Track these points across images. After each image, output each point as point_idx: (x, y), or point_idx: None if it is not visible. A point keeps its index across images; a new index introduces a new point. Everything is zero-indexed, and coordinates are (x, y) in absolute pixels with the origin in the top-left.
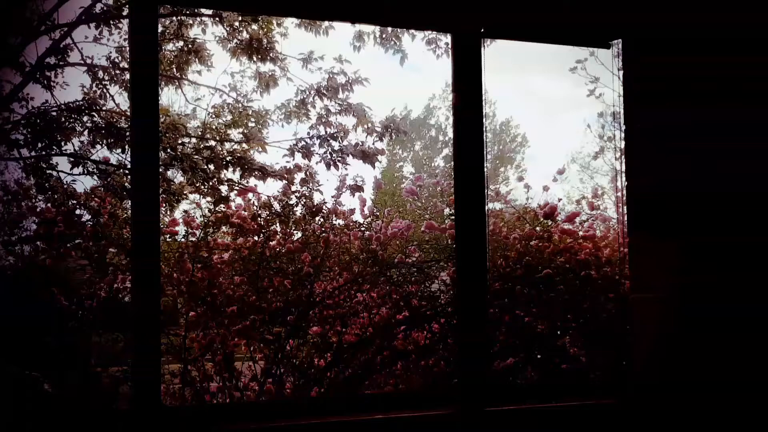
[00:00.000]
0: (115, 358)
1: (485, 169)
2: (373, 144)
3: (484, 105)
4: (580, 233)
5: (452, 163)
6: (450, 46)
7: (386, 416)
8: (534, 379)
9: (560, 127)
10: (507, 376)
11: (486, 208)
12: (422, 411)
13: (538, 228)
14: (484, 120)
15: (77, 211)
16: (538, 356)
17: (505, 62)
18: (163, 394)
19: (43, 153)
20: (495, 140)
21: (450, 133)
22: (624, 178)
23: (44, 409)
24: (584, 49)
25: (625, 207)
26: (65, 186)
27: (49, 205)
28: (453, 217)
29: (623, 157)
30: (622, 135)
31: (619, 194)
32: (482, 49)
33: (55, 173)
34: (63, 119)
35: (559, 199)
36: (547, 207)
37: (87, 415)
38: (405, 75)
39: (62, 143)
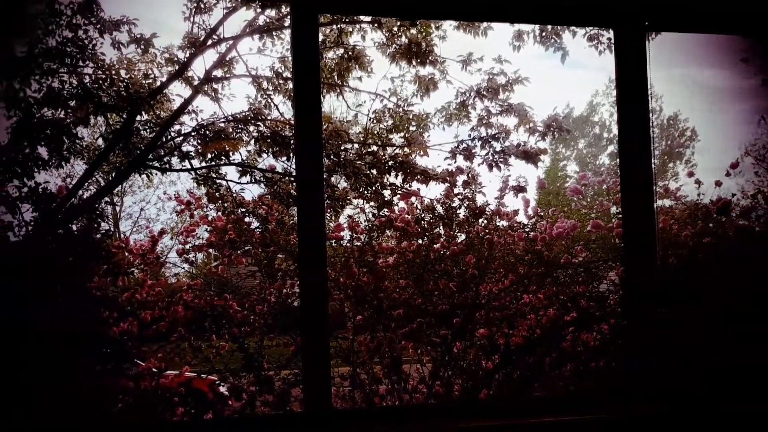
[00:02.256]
0: (286, 362)
1: (652, 166)
2: (536, 144)
3: (650, 99)
4: (756, 228)
5: (617, 160)
6: (612, 41)
7: (556, 419)
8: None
9: (731, 119)
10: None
11: (654, 205)
12: (593, 414)
13: (710, 224)
14: (649, 115)
15: (246, 219)
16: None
17: (671, 55)
18: (333, 396)
19: (213, 163)
20: (662, 135)
21: (614, 130)
22: None
23: (221, 411)
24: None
25: None
26: (234, 195)
27: (219, 213)
28: (620, 216)
29: None
30: None
31: None
32: (646, 42)
33: (224, 182)
34: (230, 130)
35: (733, 194)
36: (720, 202)
37: (261, 416)
38: (566, 72)
39: (230, 153)
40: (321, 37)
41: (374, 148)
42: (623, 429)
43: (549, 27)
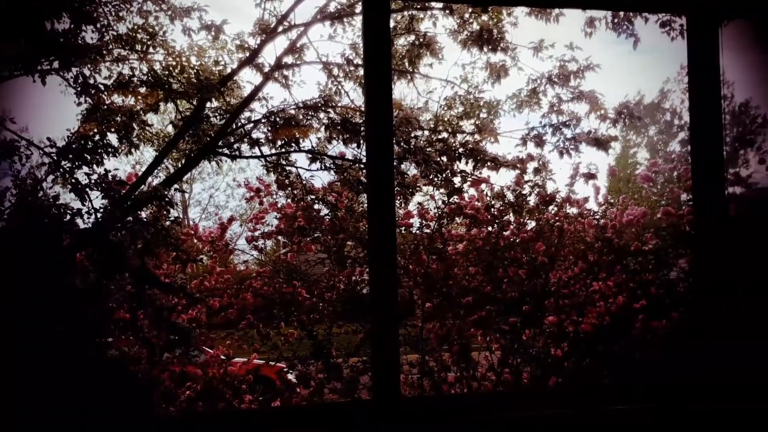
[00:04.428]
0: (355, 349)
1: (724, 153)
2: (606, 131)
3: (722, 86)
4: None
5: (689, 147)
6: (685, 27)
7: (626, 407)
8: None
9: None
10: None
11: (725, 192)
12: (661, 403)
13: None
14: (721, 102)
15: (315, 206)
16: None
17: (744, 40)
18: (402, 384)
19: (283, 150)
20: (733, 122)
21: (686, 117)
22: None
23: (290, 398)
24: None
25: None
26: (304, 182)
27: (289, 200)
28: (690, 203)
29: None
30: None
31: None
32: (719, 29)
33: (294, 169)
34: (300, 117)
35: None
36: None
37: (330, 403)
38: (637, 58)
39: (300, 140)
40: (392, 24)
41: (444, 135)
42: (694, 419)
43: (621, 13)
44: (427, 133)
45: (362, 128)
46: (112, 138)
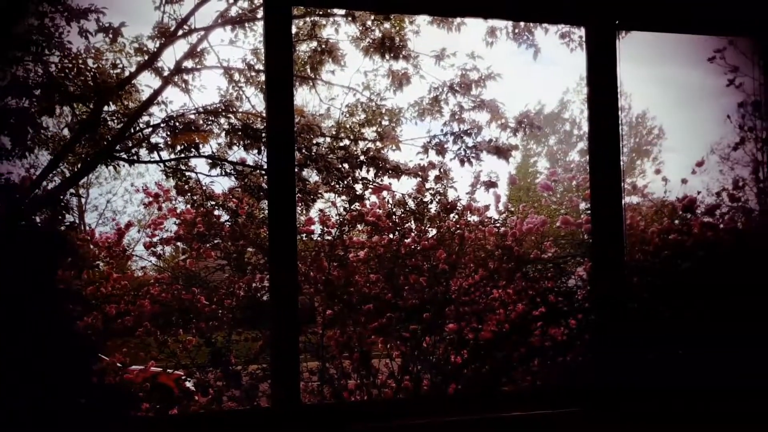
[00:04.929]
0: (254, 357)
1: (621, 163)
2: (507, 140)
3: (620, 97)
4: (721, 226)
5: (587, 157)
6: (584, 39)
7: (524, 414)
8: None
9: (698, 118)
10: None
11: (622, 201)
12: (559, 408)
13: (676, 221)
14: (619, 113)
15: (216, 212)
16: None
17: (640, 53)
18: (301, 391)
19: (182, 155)
20: (631, 133)
21: (585, 127)
22: (766, 169)
23: (187, 406)
24: (723, 38)
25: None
26: (204, 187)
27: (188, 206)
28: (589, 212)
29: (765, 147)
30: (765, 125)
31: (761, 185)
32: (617, 41)
33: (194, 175)
34: (201, 122)
35: (698, 192)
36: (686, 200)
37: (228, 411)
38: (538, 69)
39: (200, 145)
40: (294, 30)
41: (346, 142)
42: (588, 422)
43: (522, 23)
44: (329, 140)
45: (263, 134)
46: (5, 141)
